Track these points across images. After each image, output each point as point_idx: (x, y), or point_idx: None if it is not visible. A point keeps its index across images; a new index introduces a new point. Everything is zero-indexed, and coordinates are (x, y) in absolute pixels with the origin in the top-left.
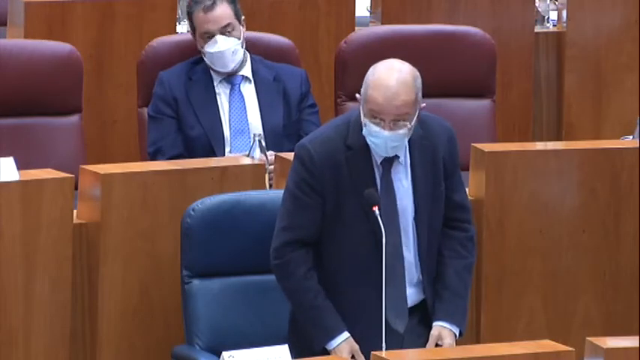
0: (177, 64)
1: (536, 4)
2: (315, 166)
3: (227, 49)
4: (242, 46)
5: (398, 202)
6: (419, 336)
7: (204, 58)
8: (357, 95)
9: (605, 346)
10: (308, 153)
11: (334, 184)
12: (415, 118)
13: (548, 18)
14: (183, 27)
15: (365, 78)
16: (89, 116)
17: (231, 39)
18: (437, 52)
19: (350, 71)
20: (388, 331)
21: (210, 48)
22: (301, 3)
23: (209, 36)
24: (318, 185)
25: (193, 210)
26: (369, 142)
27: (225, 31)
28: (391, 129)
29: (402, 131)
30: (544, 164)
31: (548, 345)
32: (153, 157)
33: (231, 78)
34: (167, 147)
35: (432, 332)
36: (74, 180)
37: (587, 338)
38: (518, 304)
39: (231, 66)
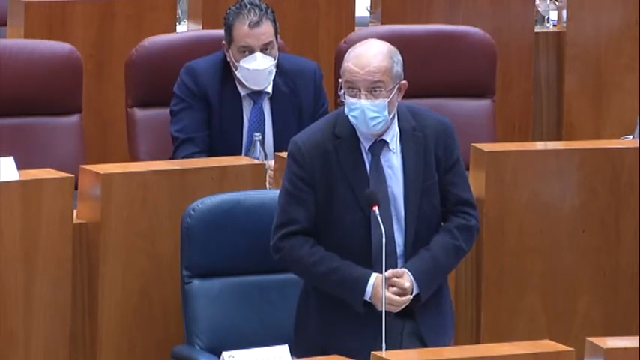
0: (205, 57)
1: (536, 4)
2: (304, 157)
3: (265, 69)
4: (275, 66)
5: (389, 190)
6: (421, 342)
7: (235, 72)
8: (340, 80)
9: (605, 346)
10: (296, 146)
11: (324, 173)
12: (395, 93)
13: (548, 18)
14: (183, 27)
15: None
16: (89, 116)
17: (269, 58)
18: (437, 52)
19: None
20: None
21: (247, 64)
22: (301, 3)
23: (248, 51)
24: (308, 177)
25: (193, 210)
26: (351, 121)
27: (265, 48)
28: (367, 98)
29: (379, 101)
30: (544, 164)
31: (548, 345)
32: (180, 144)
33: (255, 95)
34: (199, 140)
35: (398, 270)
36: (74, 180)
37: (587, 338)
38: (518, 304)
39: (264, 85)
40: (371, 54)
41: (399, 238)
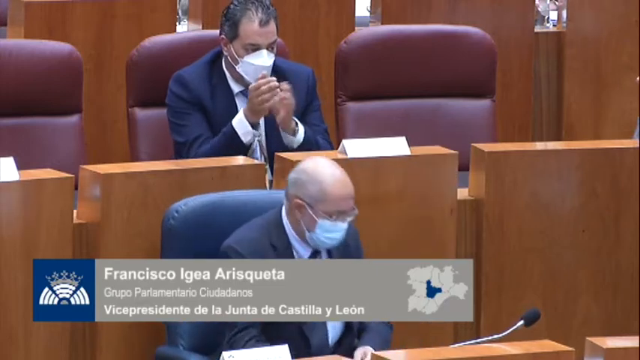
0: (193, 64)
1: (536, 4)
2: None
3: (269, 65)
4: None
5: None
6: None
7: (236, 66)
8: (298, 200)
9: (605, 346)
10: (237, 253)
11: None
12: None
13: (548, 18)
14: (183, 27)
15: (303, 181)
16: (89, 116)
17: (272, 55)
18: (437, 52)
19: (350, 71)
20: None
21: (253, 59)
22: (301, 3)
23: (255, 48)
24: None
25: (177, 211)
26: (323, 241)
27: (271, 47)
28: (346, 219)
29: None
30: (544, 164)
31: (548, 345)
32: (190, 146)
33: (247, 92)
34: (207, 138)
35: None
36: (74, 180)
37: (587, 338)
38: (518, 304)
39: None
40: (344, 174)
41: None
